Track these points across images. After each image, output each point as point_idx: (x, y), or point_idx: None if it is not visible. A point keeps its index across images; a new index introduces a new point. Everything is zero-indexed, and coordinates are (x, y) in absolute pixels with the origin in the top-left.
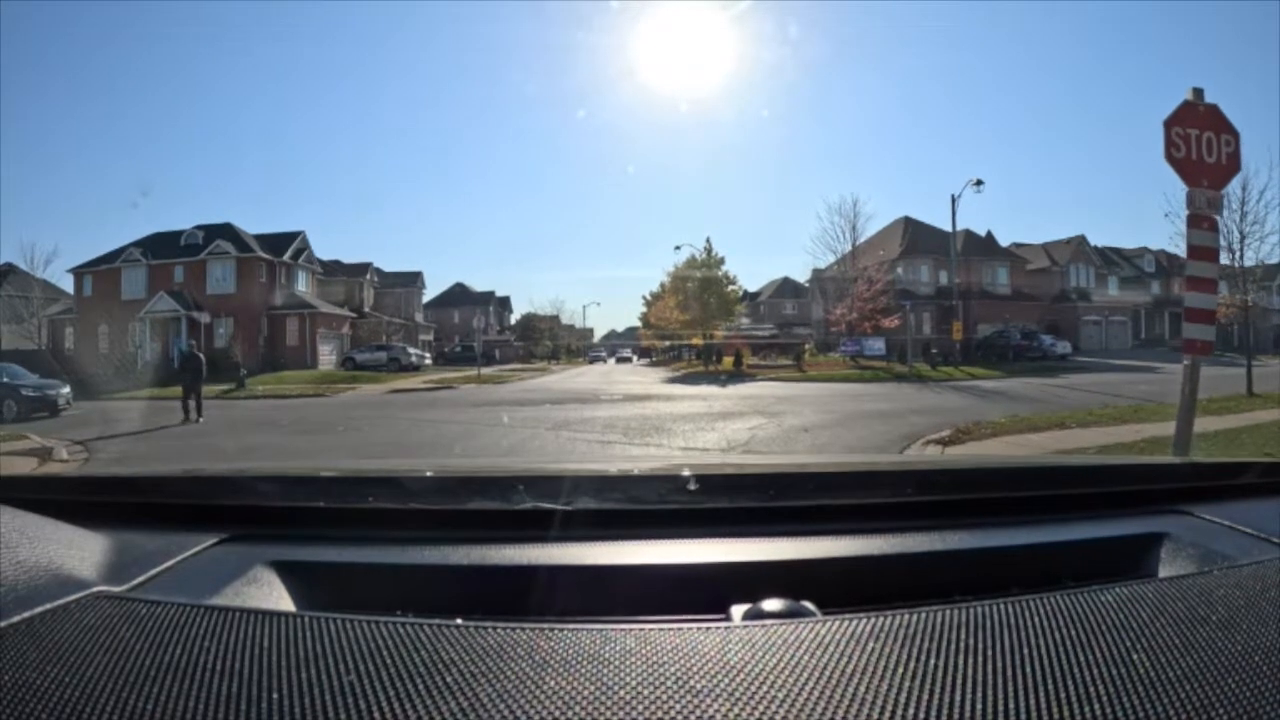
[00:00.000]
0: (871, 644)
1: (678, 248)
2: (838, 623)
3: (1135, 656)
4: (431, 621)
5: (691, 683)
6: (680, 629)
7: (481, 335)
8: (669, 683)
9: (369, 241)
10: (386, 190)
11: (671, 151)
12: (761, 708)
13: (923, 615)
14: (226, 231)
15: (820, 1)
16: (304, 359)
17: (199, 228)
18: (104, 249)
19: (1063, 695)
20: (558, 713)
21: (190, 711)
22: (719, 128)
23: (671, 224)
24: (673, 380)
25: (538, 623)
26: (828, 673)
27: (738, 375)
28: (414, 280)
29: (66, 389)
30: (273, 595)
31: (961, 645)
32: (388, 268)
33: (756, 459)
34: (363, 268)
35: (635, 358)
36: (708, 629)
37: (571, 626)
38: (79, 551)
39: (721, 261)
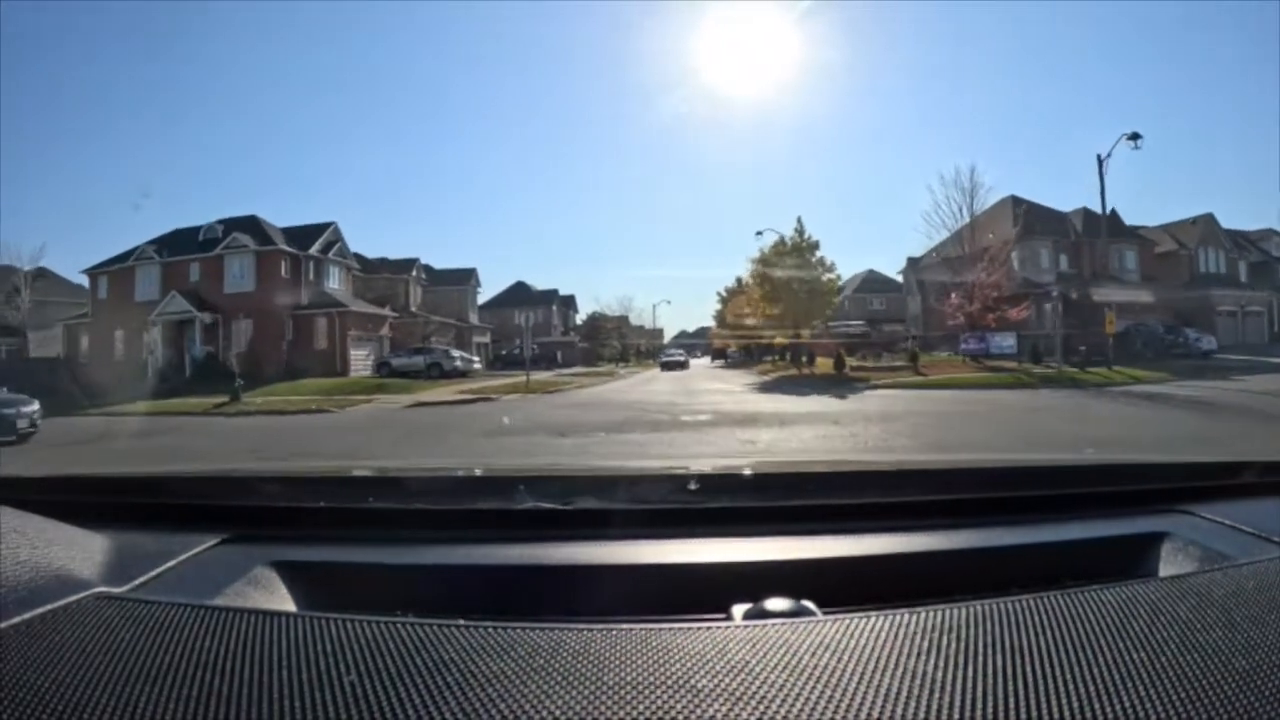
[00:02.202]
0: (872, 643)
1: (759, 233)
2: (838, 622)
3: (1135, 656)
4: (432, 622)
5: (693, 682)
6: (681, 629)
7: (532, 335)
8: (670, 682)
9: (421, 241)
10: (442, 188)
11: (741, 148)
12: (763, 707)
13: (923, 615)
14: (248, 224)
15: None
16: (333, 364)
17: (221, 221)
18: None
19: (1063, 695)
20: (558, 713)
21: (191, 712)
22: (782, 126)
23: (740, 222)
24: (767, 388)
25: (538, 623)
26: (828, 672)
27: (844, 381)
28: (467, 278)
29: (32, 407)
30: (274, 595)
31: (962, 645)
32: (439, 265)
33: (757, 459)
34: (407, 264)
35: (709, 359)
36: (709, 628)
37: (572, 626)
38: (80, 552)
39: (815, 246)
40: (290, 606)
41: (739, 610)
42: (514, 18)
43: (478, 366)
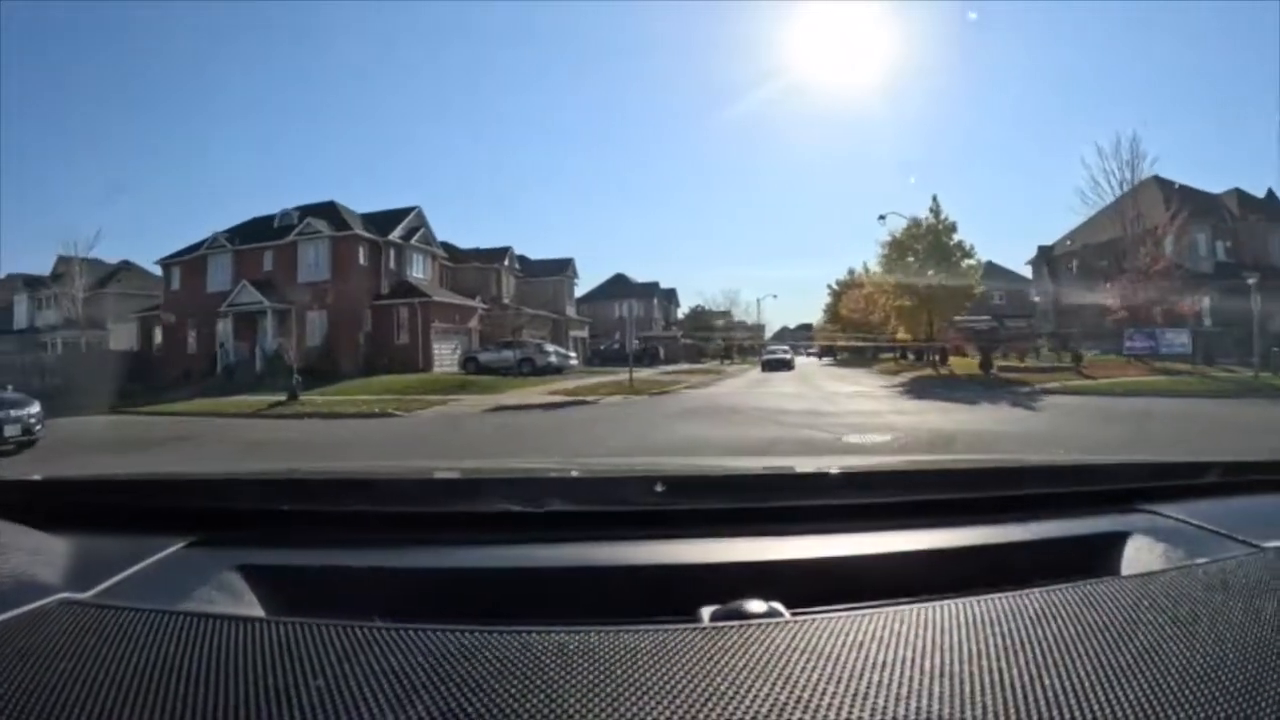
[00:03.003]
0: (838, 643)
1: (883, 217)
2: (805, 623)
3: (1099, 653)
4: (401, 625)
5: (658, 684)
6: (648, 631)
7: (635, 329)
8: (636, 684)
9: (514, 234)
10: (539, 176)
11: (838, 145)
12: (727, 708)
13: (890, 614)
14: (326, 210)
15: None
16: (416, 359)
17: (299, 208)
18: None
19: (1028, 691)
20: (524, 715)
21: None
22: (880, 120)
23: (836, 220)
24: (913, 392)
25: (507, 626)
26: (794, 672)
27: (999, 384)
28: (563, 268)
29: (28, 410)
30: (241, 600)
31: (927, 643)
32: (534, 255)
33: (725, 461)
34: (499, 252)
35: (817, 357)
36: (675, 631)
37: (540, 630)
38: (43, 557)
39: (953, 228)
40: (258, 611)
41: (707, 612)
42: (612, 12)
43: (574, 363)
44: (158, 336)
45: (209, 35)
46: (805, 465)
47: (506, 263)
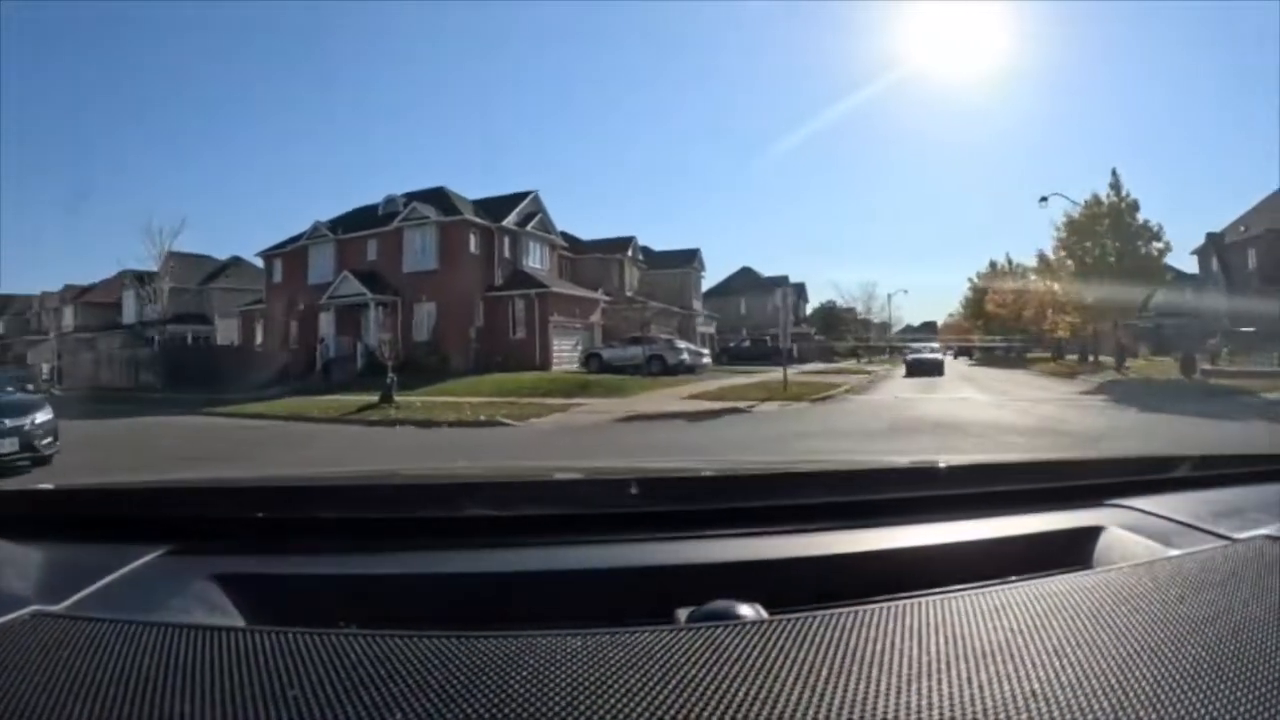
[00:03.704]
0: (816, 643)
1: (1044, 199)
2: (783, 622)
3: (1073, 644)
4: (377, 633)
5: (634, 687)
6: (623, 633)
7: (760, 327)
8: (611, 687)
9: (633, 225)
10: (660, 169)
11: (964, 141)
12: (703, 709)
13: (867, 612)
14: (434, 196)
15: None
16: (532, 356)
17: (407, 195)
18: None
19: (1005, 684)
20: (501, 719)
21: None
22: (1012, 115)
23: (961, 220)
24: (1123, 402)
25: (483, 632)
26: (771, 672)
27: (1217, 393)
28: (689, 259)
29: (34, 418)
30: (217, 609)
31: (904, 640)
32: (657, 246)
33: (701, 462)
34: (622, 243)
35: (951, 356)
36: (651, 632)
37: (514, 635)
38: (13, 569)
39: (1135, 207)
40: (234, 620)
41: (683, 614)
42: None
43: (706, 361)
44: (259, 331)
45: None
46: (781, 465)
47: (630, 253)
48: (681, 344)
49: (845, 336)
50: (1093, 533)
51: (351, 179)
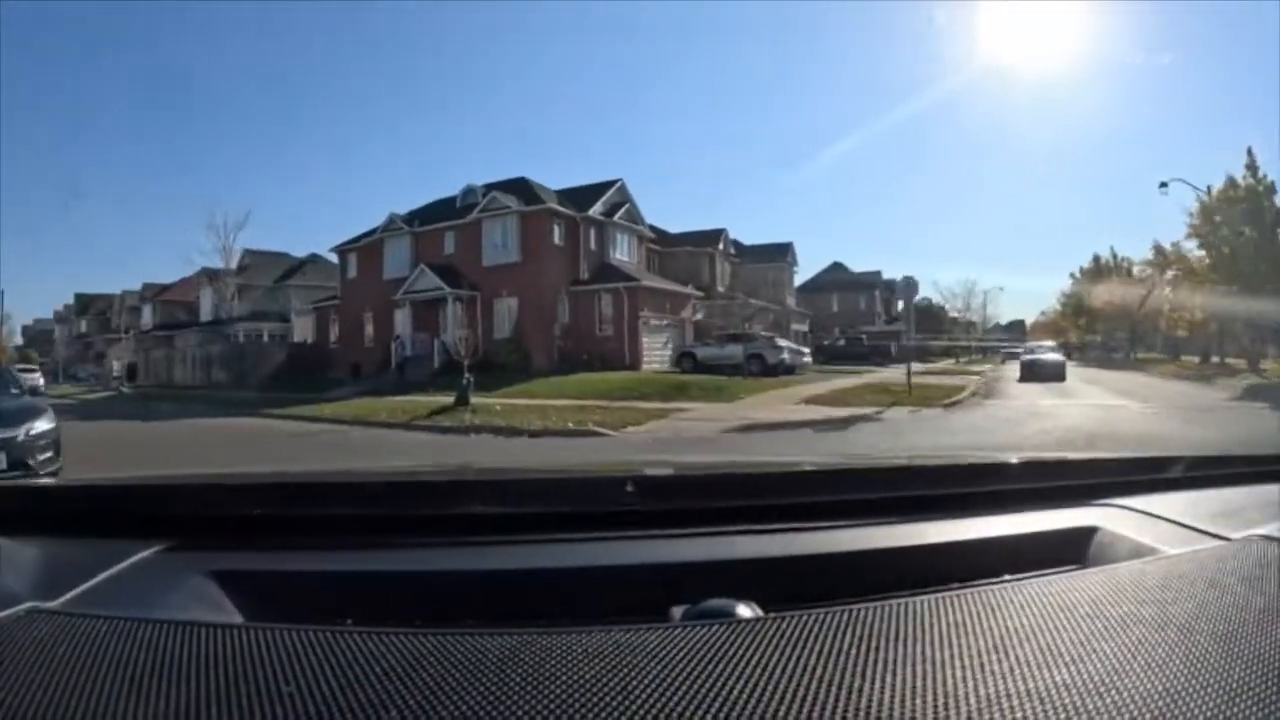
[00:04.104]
0: (811, 641)
1: (1164, 185)
2: (777, 621)
3: (1067, 643)
4: (374, 630)
5: (627, 684)
6: (617, 631)
7: (854, 324)
8: (606, 685)
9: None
10: (749, 161)
11: (1057, 138)
12: (696, 708)
13: (861, 611)
14: (515, 186)
15: None
16: (620, 354)
17: (487, 185)
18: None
19: (995, 683)
20: (496, 718)
21: None
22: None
23: (1045, 226)
24: None
25: (477, 629)
26: (766, 671)
27: None
28: (783, 254)
29: (35, 428)
30: (213, 606)
31: (898, 638)
32: (747, 239)
33: (698, 460)
34: (712, 235)
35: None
36: (645, 631)
37: (511, 631)
38: (7, 565)
39: (1273, 188)
40: (230, 617)
41: (678, 612)
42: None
43: (807, 360)
44: (334, 328)
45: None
46: (778, 463)
47: (721, 246)
48: (784, 343)
49: (940, 335)
50: (1088, 532)
51: (428, 180)
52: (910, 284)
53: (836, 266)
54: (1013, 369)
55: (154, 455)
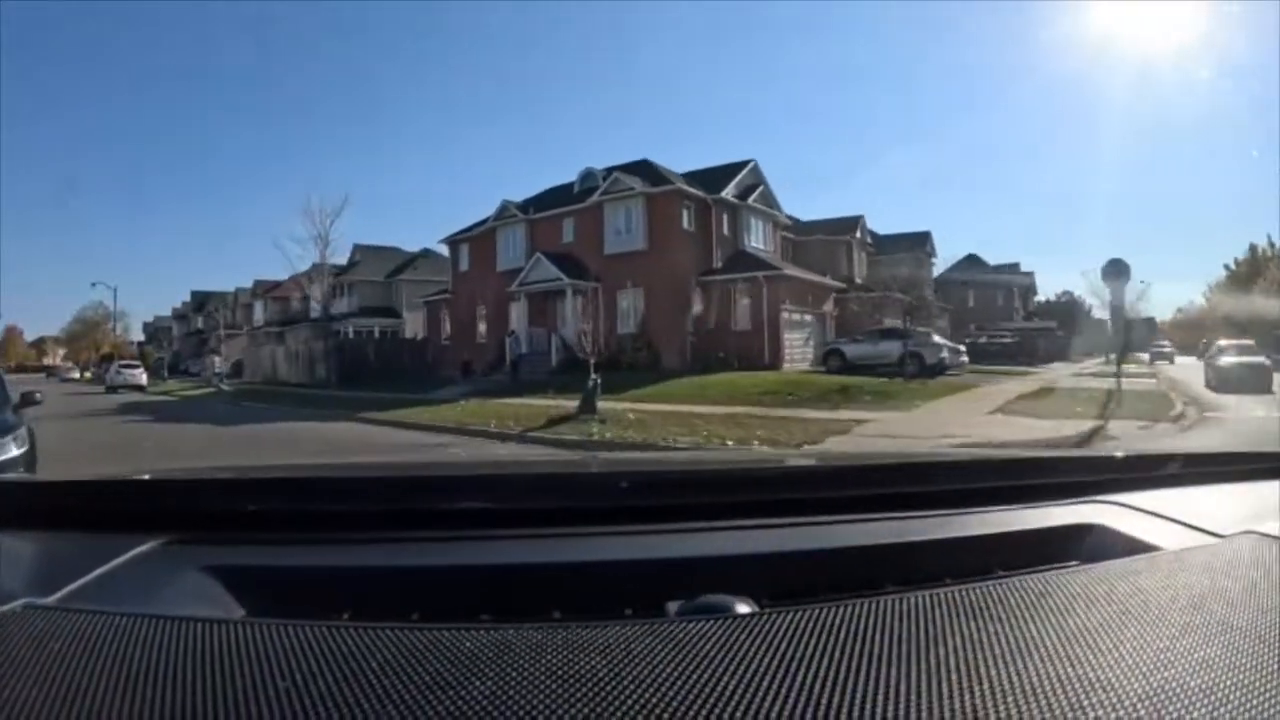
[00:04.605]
0: (805, 637)
1: None
2: (772, 617)
3: (1063, 640)
4: (370, 625)
5: (623, 679)
6: (612, 626)
7: (993, 320)
8: (600, 679)
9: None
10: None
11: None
12: (690, 701)
13: (856, 606)
14: (638, 169)
15: None
16: (758, 351)
17: (608, 169)
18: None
19: (989, 680)
20: (491, 712)
21: None
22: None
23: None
24: None
25: (472, 624)
26: (760, 667)
27: None
28: (920, 243)
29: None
30: (210, 601)
31: (894, 635)
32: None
33: (693, 456)
34: (848, 223)
35: (1195, 358)
36: (640, 625)
37: (507, 627)
38: (3, 561)
39: None
40: (228, 613)
41: (673, 607)
42: None
43: (964, 359)
44: (445, 324)
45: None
46: (775, 460)
47: (858, 234)
48: (940, 340)
49: (1082, 331)
50: (1083, 529)
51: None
52: (1120, 268)
53: (972, 259)
54: (1177, 371)
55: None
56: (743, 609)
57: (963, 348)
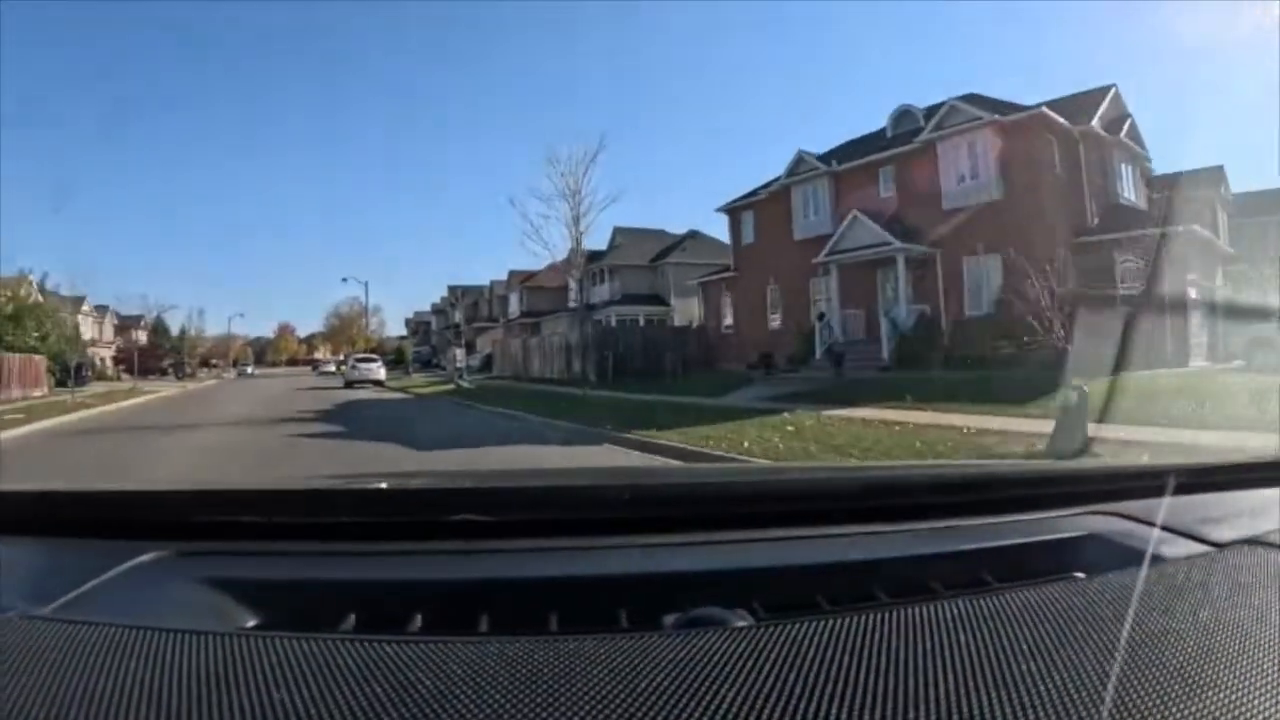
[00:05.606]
0: (802, 650)
1: None
2: (769, 630)
3: (1059, 652)
4: (369, 638)
5: (619, 692)
6: (610, 639)
7: None
8: (596, 692)
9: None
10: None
11: None
12: (687, 717)
13: (854, 620)
14: (969, 102)
15: None
16: (1161, 347)
17: (927, 108)
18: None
19: (988, 693)
20: None
21: None
22: None
23: None
24: None
25: (470, 637)
26: (756, 680)
27: None
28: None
29: None
30: (208, 614)
31: (891, 648)
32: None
33: (692, 469)
34: (1210, 174)
35: None
36: (637, 638)
37: (504, 640)
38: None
39: None
40: (225, 625)
41: (669, 620)
42: None
43: None
44: (726, 309)
45: None
46: (773, 474)
47: (1221, 190)
48: None
49: None
50: (1081, 541)
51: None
52: None
53: None
54: None
55: None
56: (740, 622)
57: None
